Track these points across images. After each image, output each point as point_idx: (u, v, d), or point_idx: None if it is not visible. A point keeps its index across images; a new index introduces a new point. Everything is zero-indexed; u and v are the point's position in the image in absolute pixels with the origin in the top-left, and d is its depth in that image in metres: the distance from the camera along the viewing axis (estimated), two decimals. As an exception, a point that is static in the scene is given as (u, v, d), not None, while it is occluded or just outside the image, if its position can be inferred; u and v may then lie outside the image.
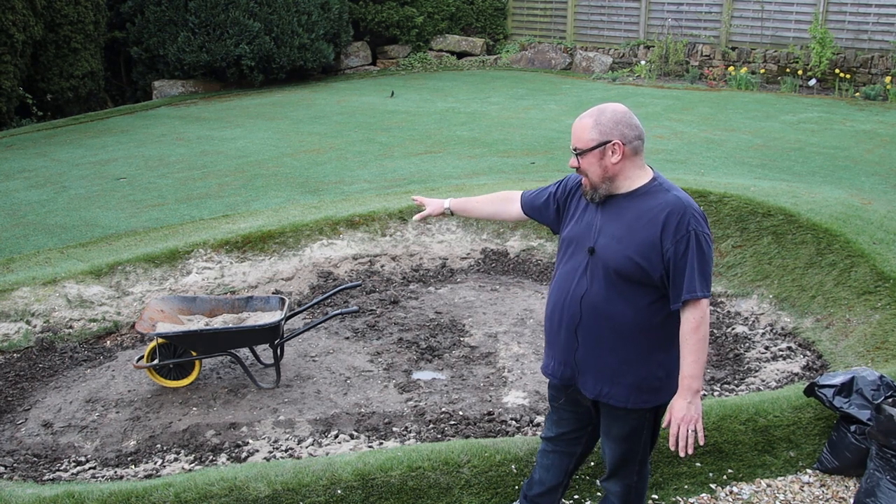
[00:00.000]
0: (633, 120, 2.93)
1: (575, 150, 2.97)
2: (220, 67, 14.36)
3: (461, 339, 5.66)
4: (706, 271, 2.86)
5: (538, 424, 4.53)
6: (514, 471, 3.78)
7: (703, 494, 3.88)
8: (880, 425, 3.68)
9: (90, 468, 4.29)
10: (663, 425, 2.97)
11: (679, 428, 2.89)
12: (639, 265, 2.87)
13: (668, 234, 2.84)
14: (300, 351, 5.46)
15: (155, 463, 4.32)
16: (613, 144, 2.89)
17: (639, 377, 2.97)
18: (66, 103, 13.77)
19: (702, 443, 2.94)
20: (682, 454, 2.91)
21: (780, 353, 5.33)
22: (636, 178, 2.95)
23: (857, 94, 13.03)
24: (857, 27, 13.62)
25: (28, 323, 5.64)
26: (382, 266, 6.81)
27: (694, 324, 2.86)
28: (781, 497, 3.87)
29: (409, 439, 4.45)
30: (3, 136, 11.65)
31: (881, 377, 3.99)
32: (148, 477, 4.15)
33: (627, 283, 2.91)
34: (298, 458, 4.23)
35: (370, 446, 4.37)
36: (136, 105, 14.07)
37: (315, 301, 5.38)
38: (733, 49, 14.72)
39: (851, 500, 3.82)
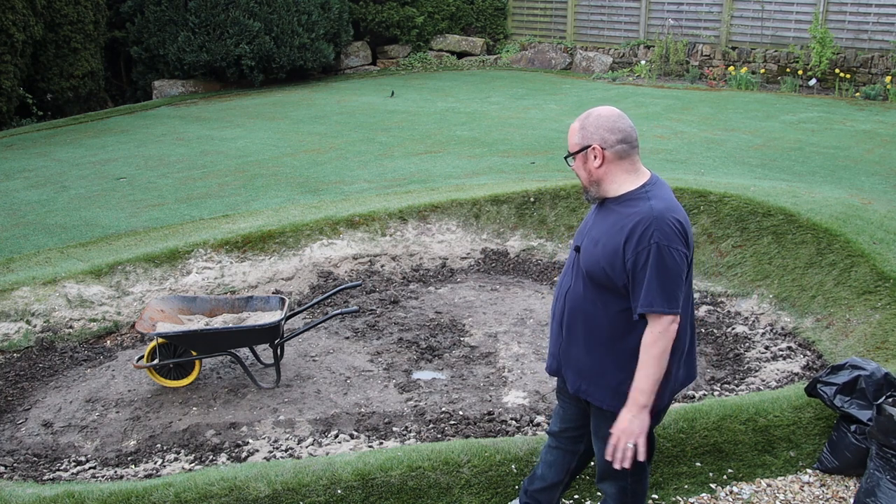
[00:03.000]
0: (618, 124, 2.89)
1: (567, 153, 3.03)
2: (220, 67, 14.36)
3: (461, 338, 5.66)
4: (668, 286, 2.78)
5: (538, 424, 4.53)
6: (514, 471, 3.78)
7: (703, 494, 3.88)
8: (880, 425, 3.68)
9: (90, 468, 4.29)
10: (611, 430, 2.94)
11: (619, 440, 2.87)
12: (605, 271, 2.88)
13: (631, 244, 2.81)
14: (300, 351, 5.45)
15: (155, 463, 4.32)
16: (593, 149, 2.91)
17: (617, 381, 2.96)
18: (66, 103, 13.77)
19: (641, 458, 2.88)
20: (616, 466, 2.89)
21: (780, 352, 5.33)
22: (624, 182, 2.93)
23: (857, 93, 13.03)
24: (857, 27, 13.62)
25: (28, 323, 5.64)
26: (382, 266, 6.81)
27: (651, 338, 2.82)
28: (781, 497, 3.87)
29: (409, 439, 4.45)
30: (3, 136, 11.65)
31: (886, 375, 3.96)
32: (148, 477, 4.15)
33: (598, 286, 2.94)
34: (298, 457, 4.23)
35: (370, 446, 4.37)
36: (136, 105, 14.07)
37: (315, 301, 5.38)
38: (733, 49, 14.72)
39: (851, 500, 3.82)
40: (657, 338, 2.82)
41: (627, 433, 2.86)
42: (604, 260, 2.88)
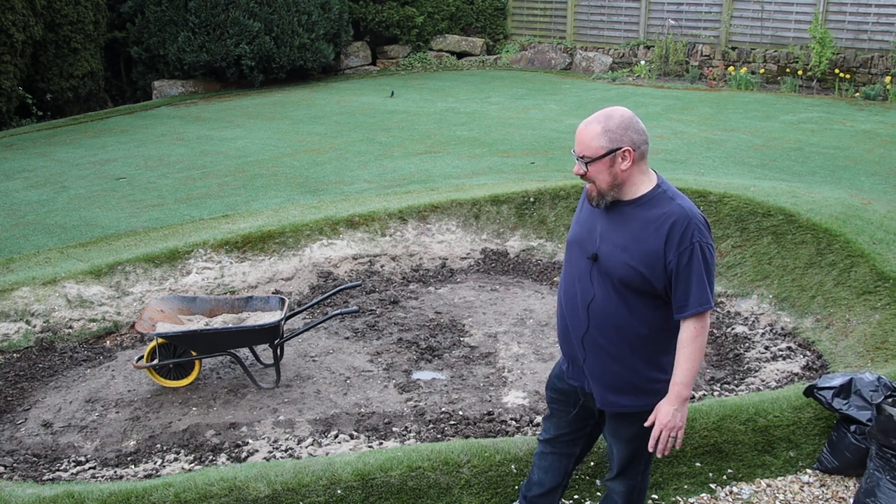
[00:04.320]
0: (640, 124, 2.87)
1: (582, 157, 2.86)
2: (220, 67, 14.36)
3: (461, 339, 5.66)
4: (711, 283, 2.85)
5: (538, 424, 4.53)
6: (514, 471, 3.78)
7: (703, 494, 3.88)
8: (880, 425, 3.68)
9: (90, 468, 4.29)
10: (646, 423, 2.97)
11: (661, 433, 2.92)
12: (642, 275, 2.85)
13: (672, 245, 2.81)
14: (300, 351, 5.45)
15: (155, 463, 4.32)
16: (624, 151, 2.82)
17: (643, 381, 2.97)
18: (66, 103, 13.77)
19: (678, 447, 2.97)
20: (658, 455, 2.95)
21: (780, 353, 5.33)
22: (641, 183, 2.90)
23: (857, 94, 13.03)
24: (857, 27, 13.62)
25: (28, 323, 5.64)
26: (382, 266, 6.81)
27: (693, 333, 2.85)
28: (781, 497, 3.87)
29: (408, 439, 4.45)
30: (3, 136, 11.65)
31: (879, 378, 4.00)
32: (148, 477, 4.16)
33: (632, 291, 2.90)
34: (298, 458, 4.23)
35: (370, 446, 4.37)
36: (136, 105, 14.07)
37: (315, 301, 5.38)
38: (733, 49, 14.72)
39: (851, 500, 3.82)
40: (699, 332, 2.85)
41: (670, 426, 2.90)
42: (641, 264, 2.84)
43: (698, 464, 3.97)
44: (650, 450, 2.95)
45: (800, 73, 13.68)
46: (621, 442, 3.12)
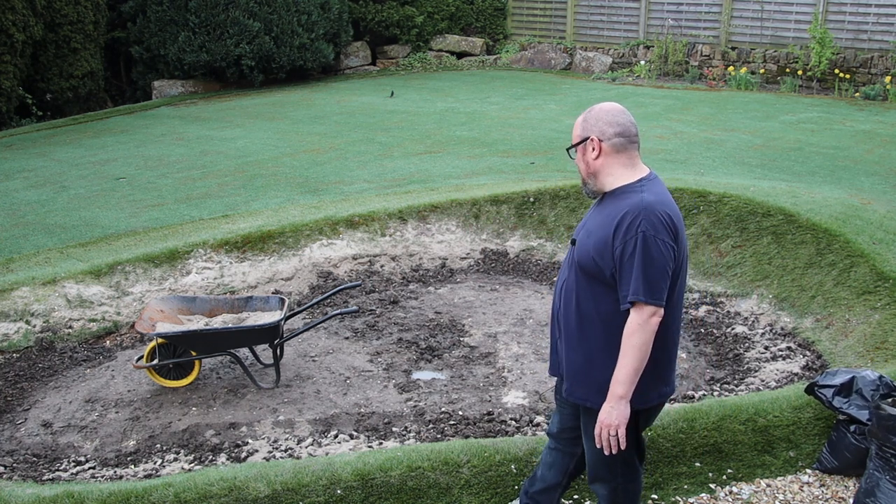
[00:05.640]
0: (618, 118, 2.95)
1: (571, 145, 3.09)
2: (220, 67, 14.36)
3: (461, 339, 5.66)
4: (652, 277, 2.80)
5: (538, 424, 4.54)
6: (514, 471, 3.78)
7: (703, 494, 3.88)
8: (879, 422, 3.68)
9: (90, 468, 4.30)
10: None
11: (601, 431, 2.94)
12: (595, 261, 2.91)
13: (619, 233, 2.84)
14: (300, 351, 5.46)
15: (154, 463, 4.32)
16: (591, 140, 2.97)
17: (603, 378, 2.95)
18: (66, 103, 13.77)
19: (623, 447, 2.94)
20: (605, 452, 2.97)
21: (780, 353, 5.33)
22: (621, 176, 2.96)
23: (857, 94, 13.03)
24: (857, 27, 13.62)
25: (28, 323, 5.64)
26: (382, 266, 6.81)
27: (631, 328, 2.84)
28: (781, 497, 3.87)
29: (408, 439, 4.45)
30: (3, 136, 11.65)
31: (881, 377, 4.00)
32: (147, 477, 4.16)
33: (588, 277, 2.96)
34: (298, 458, 4.23)
35: (370, 446, 4.37)
36: (136, 105, 14.07)
37: (315, 301, 5.38)
38: (733, 49, 14.72)
39: (851, 500, 3.82)
40: (636, 329, 2.83)
41: (607, 424, 2.91)
42: (594, 250, 2.91)
43: (698, 464, 3.98)
44: (597, 445, 2.98)
45: (800, 73, 13.69)
46: (590, 440, 3.12)
